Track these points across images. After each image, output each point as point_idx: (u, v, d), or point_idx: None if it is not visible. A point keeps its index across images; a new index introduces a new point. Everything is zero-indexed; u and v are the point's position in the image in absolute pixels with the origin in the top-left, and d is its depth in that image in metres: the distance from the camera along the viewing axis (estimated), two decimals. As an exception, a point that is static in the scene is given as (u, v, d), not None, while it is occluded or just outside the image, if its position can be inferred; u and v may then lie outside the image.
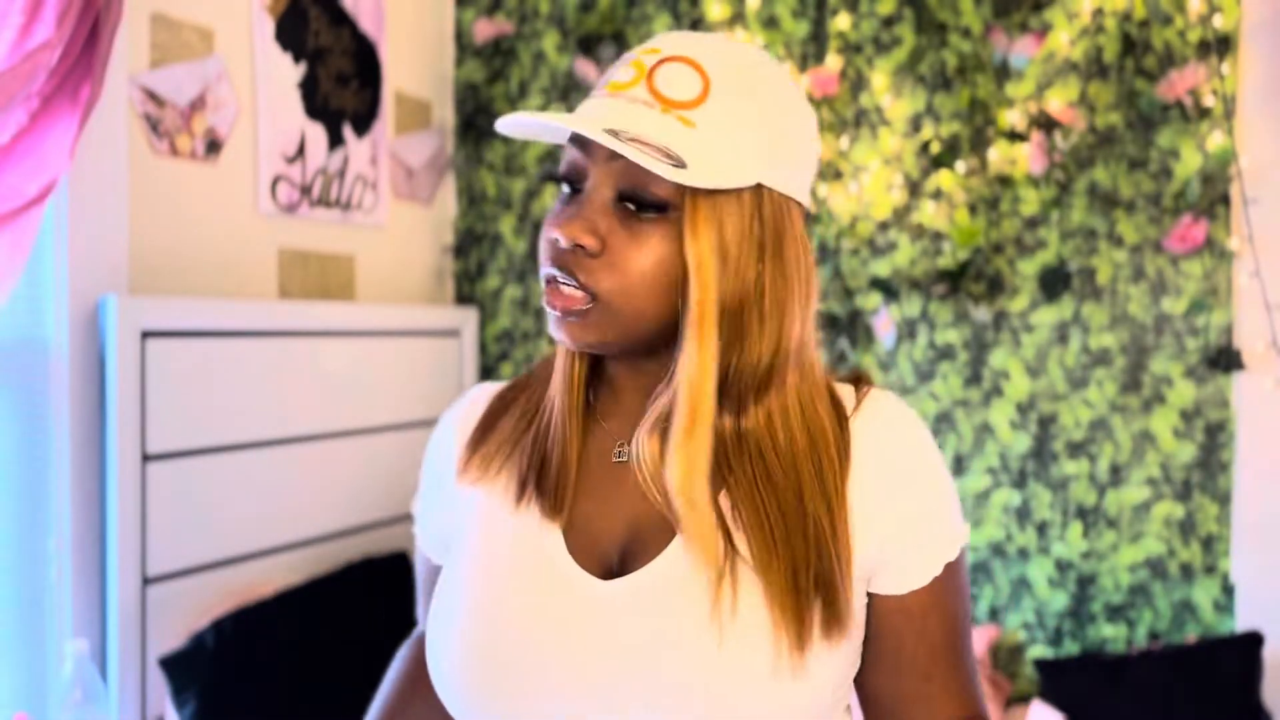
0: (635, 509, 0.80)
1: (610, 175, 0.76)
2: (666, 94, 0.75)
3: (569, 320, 0.77)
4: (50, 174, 1.51)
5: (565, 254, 0.76)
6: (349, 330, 2.17)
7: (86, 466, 1.69)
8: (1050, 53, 2.05)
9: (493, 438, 0.88)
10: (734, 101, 0.76)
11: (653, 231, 0.75)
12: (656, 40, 0.80)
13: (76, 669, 1.45)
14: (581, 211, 0.76)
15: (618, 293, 0.75)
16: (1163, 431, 2.00)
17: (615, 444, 0.83)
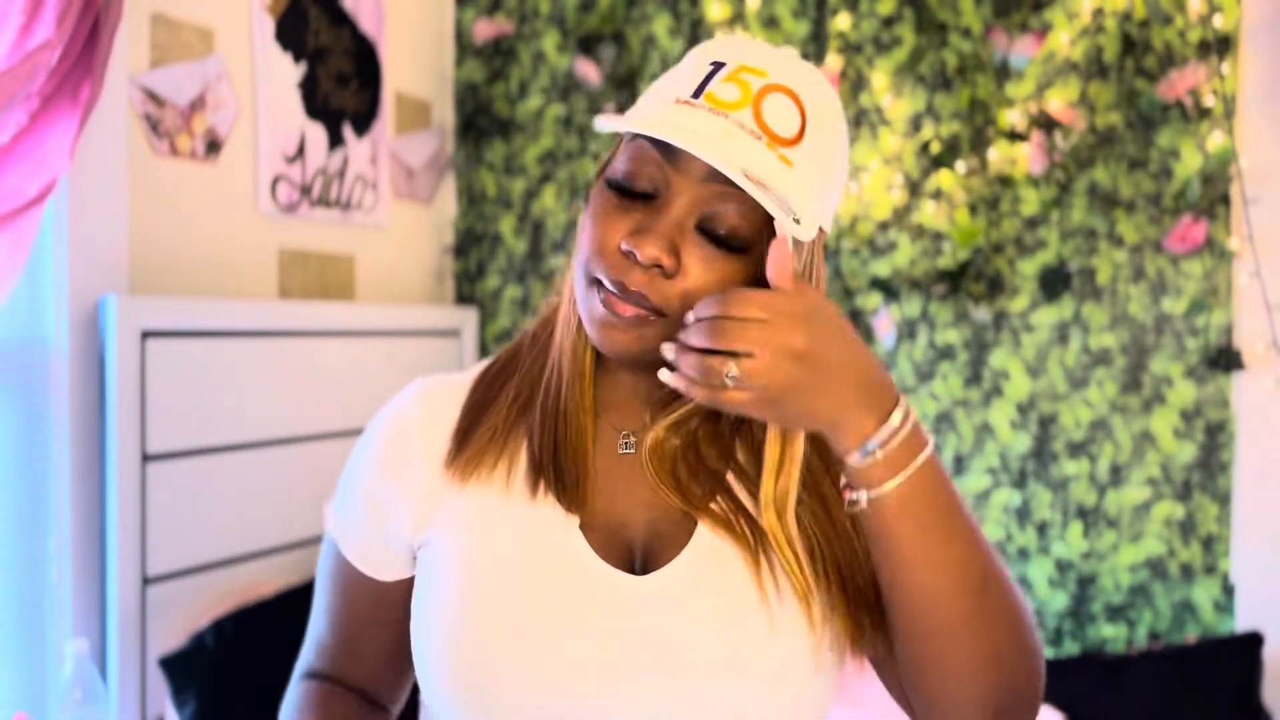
0: (651, 501, 0.79)
1: (700, 197, 0.73)
2: (773, 128, 0.72)
3: (621, 330, 0.73)
4: (50, 174, 1.51)
5: (635, 272, 0.72)
6: (349, 330, 2.17)
7: (86, 466, 1.69)
8: (1050, 53, 2.05)
9: (482, 430, 0.82)
10: (821, 148, 0.75)
11: (727, 264, 0.73)
12: (753, 53, 0.76)
13: (76, 669, 1.46)
14: (661, 229, 0.72)
15: (685, 310, 0.72)
16: (1163, 431, 2.00)
17: (619, 435, 0.82)
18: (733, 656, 0.73)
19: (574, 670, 0.73)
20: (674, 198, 0.73)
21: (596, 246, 0.74)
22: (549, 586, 0.76)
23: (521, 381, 0.84)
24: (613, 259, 0.73)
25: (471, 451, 0.81)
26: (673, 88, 0.76)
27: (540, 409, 0.82)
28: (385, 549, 0.84)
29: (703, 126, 0.71)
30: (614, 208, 0.75)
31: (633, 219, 0.73)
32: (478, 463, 0.81)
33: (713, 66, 0.75)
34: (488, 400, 0.84)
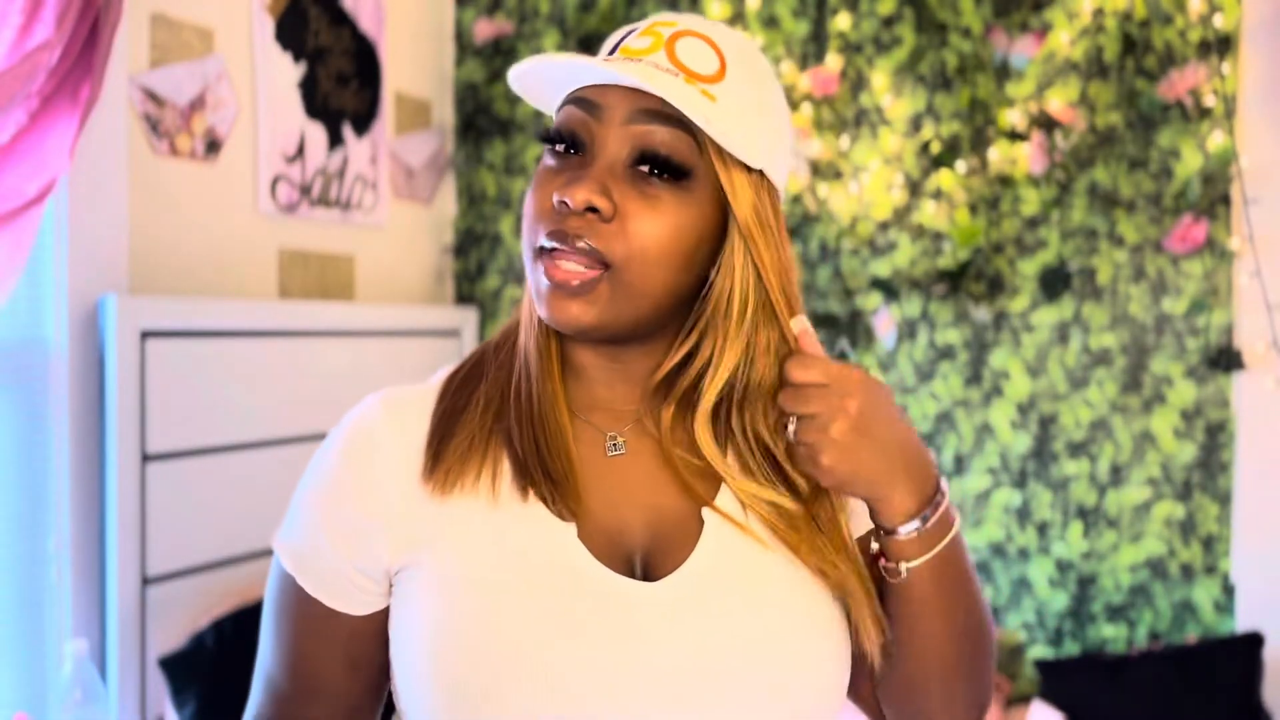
0: (649, 503, 0.76)
1: (626, 137, 0.72)
2: (689, 65, 0.72)
3: (571, 297, 0.71)
4: (50, 174, 1.51)
5: (571, 219, 0.70)
6: (349, 330, 2.17)
7: (86, 466, 1.69)
8: (1050, 52, 2.05)
9: (458, 438, 0.76)
10: (746, 87, 0.74)
11: (670, 198, 0.72)
12: (662, 15, 0.77)
13: (76, 669, 1.45)
14: (590, 172, 0.71)
15: (633, 262, 0.71)
16: (1163, 431, 2.00)
17: (605, 438, 0.78)
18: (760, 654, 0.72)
19: (589, 688, 0.69)
20: (601, 145, 0.72)
21: (533, 214, 0.74)
22: (554, 601, 0.71)
23: (490, 387, 0.79)
24: (548, 219, 0.72)
25: (451, 461, 0.75)
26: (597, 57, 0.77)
27: (515, 412, 0.77)
28: (357, 580, 0.76)
29: (621, 69, 0.71)
30: (546, 172, 0.74)
31: (563, 176, 0.72)
32: (460, 473, 0.75)
33: (625, 33, 0.77)
34: (457, 408, 0.78)
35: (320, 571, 0.77)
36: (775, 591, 0.74)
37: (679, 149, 0.72)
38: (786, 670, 0.73)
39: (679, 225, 0.72)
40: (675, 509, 0.76)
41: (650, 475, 0.78)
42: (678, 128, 0.71)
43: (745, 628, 0.72)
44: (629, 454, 0.78)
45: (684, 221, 0.72)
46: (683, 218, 0.72)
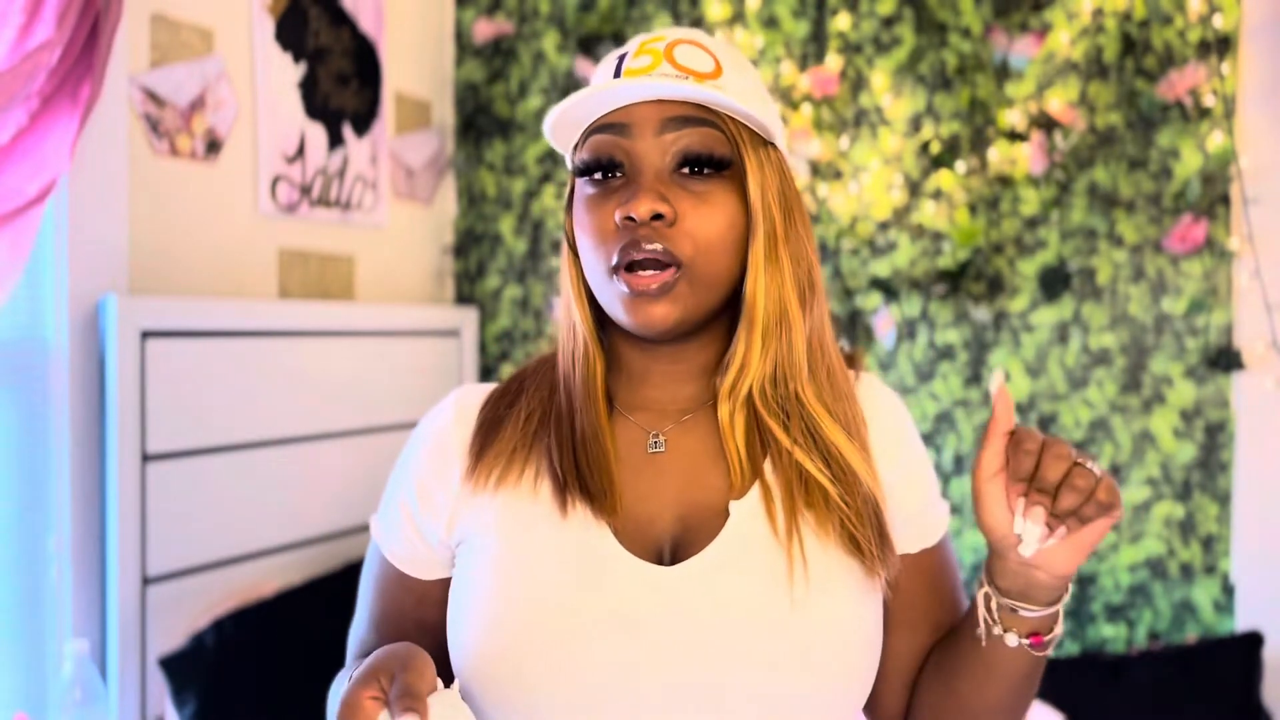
0: (681, 497, 0.81)
1: (662, 147, 0.78)
2: (692, 67, 0.79)
3: (655, 301, 0.77)
4: (50, 174, 1.51)
5: (640, 230, 0.76)
6: (349, 330, 2.17)
7: (86, 466, 1.69)
8: (1050, 53, 2.05)
9: (497, 444, 0.85)
10: (742, 78, 0.81)
11: (716, 190, 0.79)
12: (646, 35, 0.84)
13: (76, 669, 1.46)
14: (643, 183, 0.78)
15: (700, 255, 0.77)
16: (1163, 431, 2.00)
17: (648, 435, 0.84)
18: (756, 637, 0.74)
19: (603, 658, 0.74)
20: (641, 159, 0.79)
21: (596, 236, 0.79)
22: (579, 578, 0.77)
23: (530, 401, 0.87)
24: (615, 237, 0.78)
25: (492, 465, 0.84)
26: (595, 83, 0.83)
27: (556, 432, 0.84)
28: (425, 549, 0.87)
29: (641, 86, 0.77)
30: (595, 198, 0.80)
31: (616, 198, 0.79)
32: (504, 473, 0.83)
33: (618, 59, 0.83)
34: (497, 418, 0.87)
35: (397, 542, 0.88)
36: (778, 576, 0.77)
37: (715, 144, 0.78)
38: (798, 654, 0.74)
39: (731, 213, 0.79)
40: (708, 503, 0.80)
41: (687, 470, 0.82)
42: (706, 126, 0.78)
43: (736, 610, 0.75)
44: (669, 450, 0.83)
45: (734, 208, 0.79)
46: (732, 205, 0.79)
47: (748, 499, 0.80)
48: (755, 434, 0.82)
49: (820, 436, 0.81)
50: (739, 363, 0.81)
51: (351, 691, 0.66)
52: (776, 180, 0.81)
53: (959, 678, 0.83)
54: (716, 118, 0.79)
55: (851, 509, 0.79)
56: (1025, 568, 0.77)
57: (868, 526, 0.79)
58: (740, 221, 0.80)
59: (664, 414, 0.85)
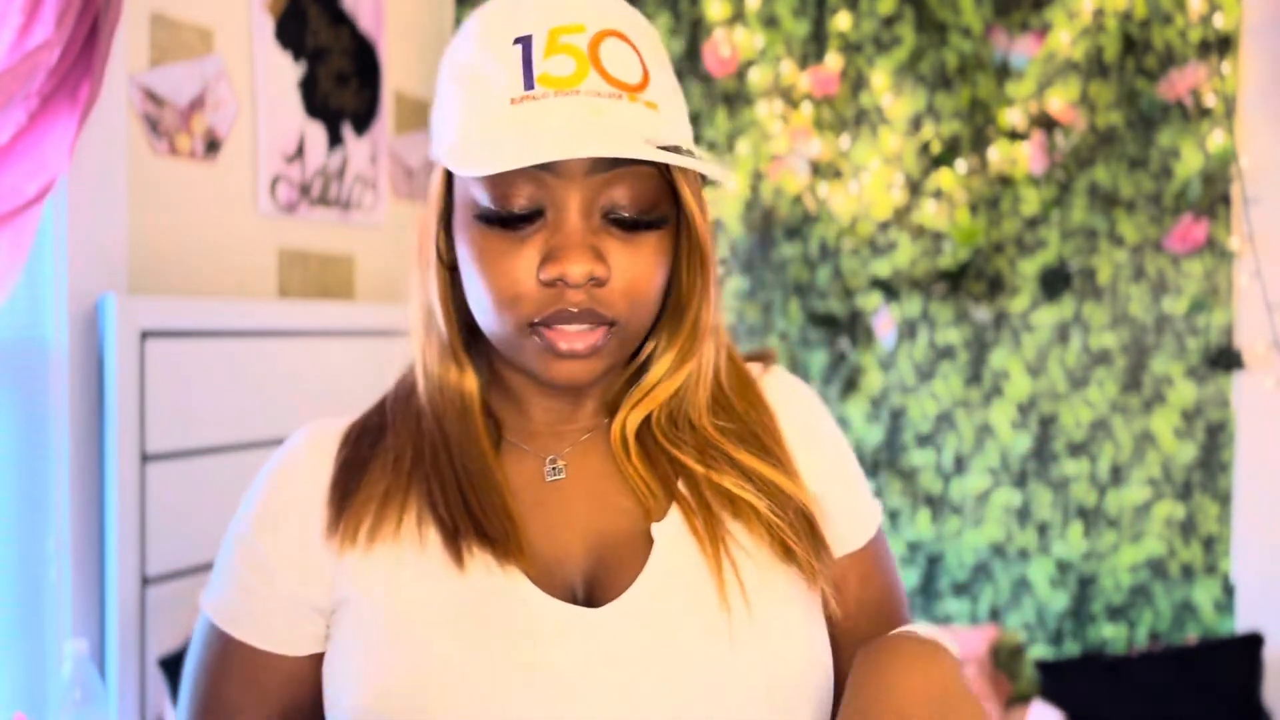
0: (590, 528, 0.72)
1: (592, 191, 0.66)
2: (622, 78, 0.66)
3: (580, 361, 0.67)
4: (49, 174, 1.51)
5: (569, 293, 0.65)
6: (349, 330, 2.17)
7: (86, 466, 1.69)
8: (1051, 52, 2.05)
9: (363, 490, 0.73)
10: (662, 73, 0.69)
11: (650, 239, 0.68)
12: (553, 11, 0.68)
13: (76, 669, 1.45)
14: (575, 240, 0.65)
15: (634, 314, 0.68)
16: (1163, 431, 2.00)
17: (543, 461, 0.74)
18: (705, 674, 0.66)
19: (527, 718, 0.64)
20: (564, 204, 0.66)
21: (509, 293, 0.67)
22: (492, 632, 0.66)
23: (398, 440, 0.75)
24: (536, 296, 0.66)
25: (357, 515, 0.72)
26: (492, 87, 0.67)
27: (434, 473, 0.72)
28: (291, 616, 0.73)
29: (560, 119, 0.64)
30: (505, 246, 0.67)
31: (532, 247, 0.66)
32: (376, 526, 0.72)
33: (521, 45, 0.67)
34: (359, 460, 0.75)
35: (254, 616, 0.73)
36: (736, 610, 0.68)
37: (649, 194, 0.67)
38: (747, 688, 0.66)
39: (665, 257, 0.70)
40: (621, 530, 0.71)
41: (593, 497, 0.73)
42: (642, 165, 0.67)
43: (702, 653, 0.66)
44: (569, 476, 0.74)
45: (665, 255, 0.70)
46: (665, 246, 0.70)
47: (669, 521, 0.71)
48: (661, 456, 0.73)
49: (733, 459, 0.73)
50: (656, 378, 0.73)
51: None
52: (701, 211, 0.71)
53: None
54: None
55: (785, 521, 0.71)
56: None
57: (803, 537, 0.71)
58: (668, 262, 0.70)
59: (558, 435, 0.75)
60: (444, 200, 0.73)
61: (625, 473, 0.73)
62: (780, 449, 0.76)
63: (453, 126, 0.70)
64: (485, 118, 0.67)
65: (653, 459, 0.73)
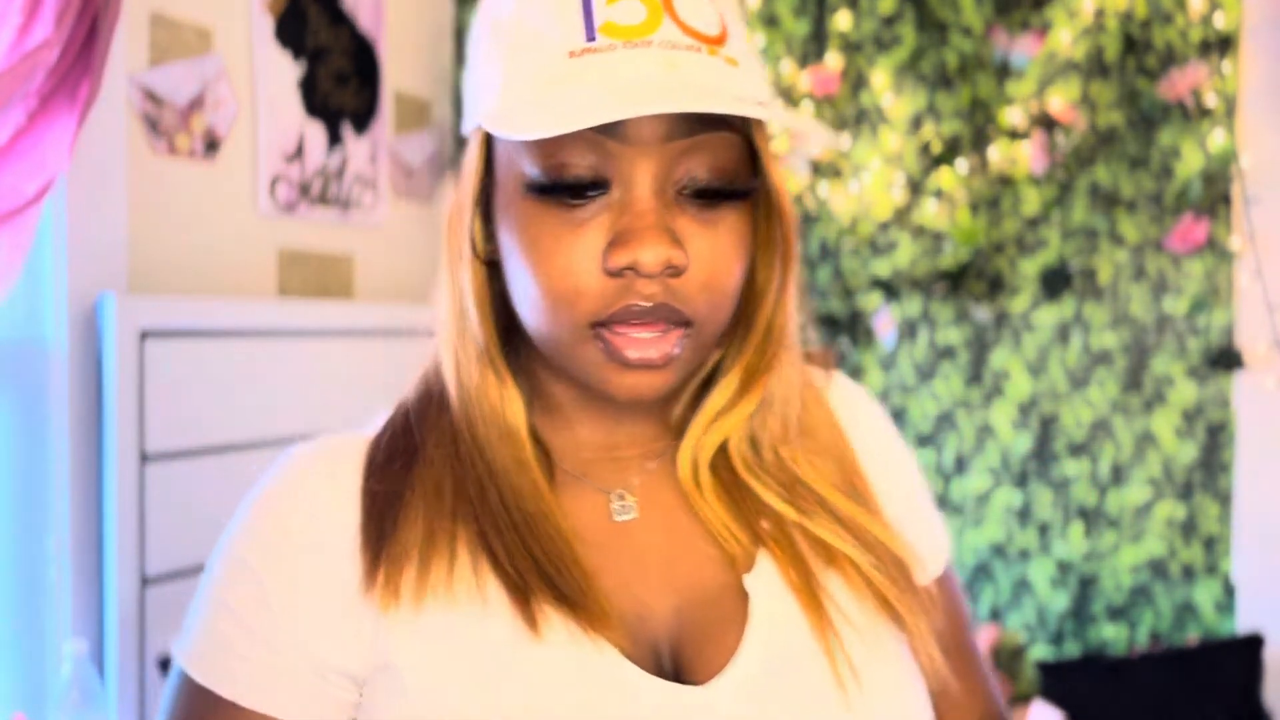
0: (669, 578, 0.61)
1: (667, 160, 0.55)
2: (700, 29, 0.55)
3: (651, 373, 0.56)
4: (49, 173, 1.50)
5: (639, 283, 0.55)
6: (349, 330, 2.17)
7: (85, 466, 1.68)
8: (1051, 52, 2.05)
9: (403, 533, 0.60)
10: (738, 25, 0.59)
11: (733, 217, 0.57)
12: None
13: (75, 669, 1.45)
14: (650, 221, 0.54)
15: (713, 311, 0.57)
16: (1164, 431, 2.00)
17: (606, 497, 0.63)
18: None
19: None
20: (635, 177, 0.55)
21: (566, 285, 0.55)
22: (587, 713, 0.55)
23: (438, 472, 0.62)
24: (600, 290, 0.55)
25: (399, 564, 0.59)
26: (545, 41, 0.55)
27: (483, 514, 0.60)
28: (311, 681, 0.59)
29: (630, 73, 0.53)
30: (557, 224, 0.55)
31: (595, 229, 0.55)
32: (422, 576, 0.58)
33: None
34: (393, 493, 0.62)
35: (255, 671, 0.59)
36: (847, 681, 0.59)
37: (736, 164, 0.57)
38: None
39: (744, 245, 0.59)
40: (707, 582, 0.61)
41: (669, 540, 0.62)
42: (724, 129, 0.56)
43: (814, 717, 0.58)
44: (643, 515, 0.62)
45: (746, 236, 0.59)
46: (746, 230, 0.59)
47: (761, 571, 0.61)
48: (739, 490, 0.63)
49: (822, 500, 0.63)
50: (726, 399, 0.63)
51: None
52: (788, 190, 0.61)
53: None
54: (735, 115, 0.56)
55: (885, 575, 0.62)
56: None
57: (904, 591, 0.63)
58: (749, 247, 0.59)
59: (617, 463, 0.64)
60: (481, 180, 0.61)
61: (701, 512, 0.62)
62: (862, 482, 0.67)
63: (494, 89, 0.57)
64: (538, 75, 0.55)
65: (730, 494, 0.63)
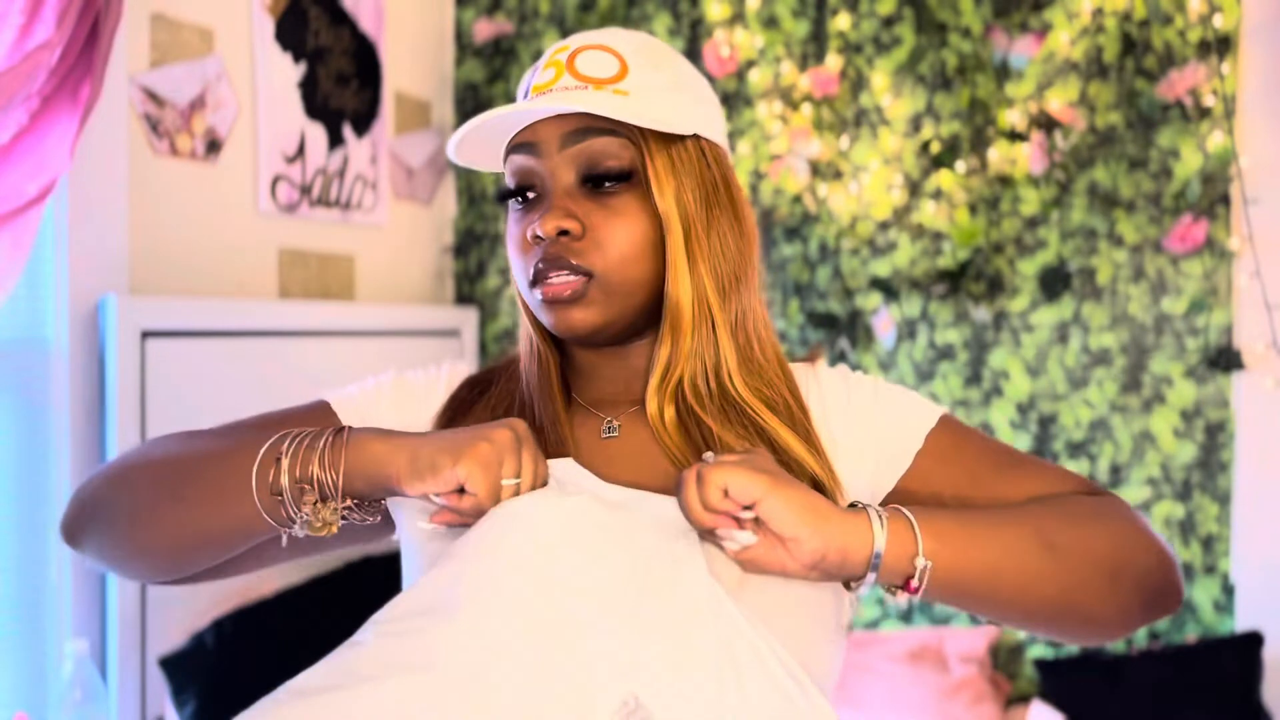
0: (635, 480, 0.81)
1: (568, 162, 0.80)
2: (592, 75, 0.80)
3: (570, 306, 0.80)
4: (50, 174, 1.51)
5: (550, 246, 0.79)
6: (349, 330, 2.17)
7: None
8: (1050, 53, 2.05)
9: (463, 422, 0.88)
10: (651, 73, 0.82)
11: (623, 201, 0.80)
12: (558, 44, 0.85)
13: (76, 669, 1.46)
14: (551, 202, 0.80)
15: (612, 266, 0.79)
16: (1163, 431, 2.00)
17: (602, 422, 0.86)
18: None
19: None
20: (548, 177, 0.81)
21: (515, 254, 0.83)
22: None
23: (498, 394, 0.90)
24: (530, 252, 0.81)
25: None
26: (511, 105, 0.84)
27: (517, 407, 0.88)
28: (392, 413, 0.89)
29: (533, 105, 0.79)
30: (514, 220, 0.84)
31: (530, 217, 0.82)
32: None
33: (532, 71, 0.85)
34: (469, 400, 0.91)
35: (359, 407, 0.90)
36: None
37: (615, 154, 0.80)
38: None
39: (643, 221, 0.81)
40: (655, 484, 0.80)
41: (639, 455, 0.83)
42: (607, 135, 0.79)
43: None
44: (622, 436, 0.85)
45: (647, 214, 0.81)
46: (644, 212, 0.81)
47: None
48: (695, 427, 0.82)
49: (760, 428, 0.81)
50: (664, 362, 0.82)
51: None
52: (693, 176, 0.82)
53: None
54: (618, 124, 0.79)
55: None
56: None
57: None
58: (655, 225, 0.81)
59: (616, 404, 0.87)
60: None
61: (661, 439, 0.82)
62: (806, 419, 0.83)
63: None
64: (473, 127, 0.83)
65: (687, 426, 0.82)
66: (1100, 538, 0.78)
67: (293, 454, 0.75)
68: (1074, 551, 0.76)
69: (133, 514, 0.80)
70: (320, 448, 0.76)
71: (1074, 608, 0.77)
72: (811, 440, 0.82)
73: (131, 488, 0.81)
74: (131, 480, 0.81)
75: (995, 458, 0.85)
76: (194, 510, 0.78)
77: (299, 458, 0.75)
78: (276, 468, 0.75)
